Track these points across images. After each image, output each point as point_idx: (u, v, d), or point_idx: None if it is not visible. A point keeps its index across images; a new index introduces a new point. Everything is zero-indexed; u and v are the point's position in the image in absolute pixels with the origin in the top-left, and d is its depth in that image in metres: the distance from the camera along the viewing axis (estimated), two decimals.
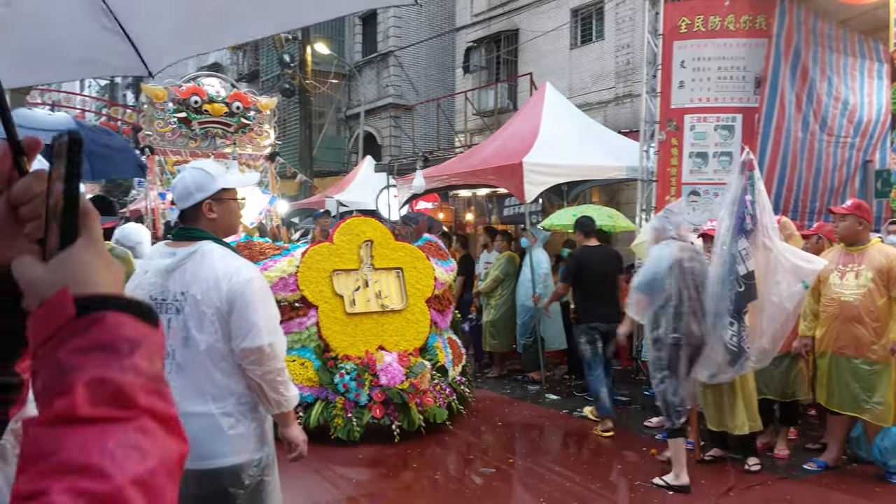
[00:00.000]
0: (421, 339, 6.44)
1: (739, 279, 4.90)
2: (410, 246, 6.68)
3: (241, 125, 9.26)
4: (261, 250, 6.06)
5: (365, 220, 6.64)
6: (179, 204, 2.57)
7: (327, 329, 6.01)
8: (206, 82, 9.27)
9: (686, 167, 8.27)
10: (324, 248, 6.23)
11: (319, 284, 6.04)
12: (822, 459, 5.32)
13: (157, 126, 8.85)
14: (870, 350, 4.99)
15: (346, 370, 5.86)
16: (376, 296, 6.28)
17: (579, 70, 14.05)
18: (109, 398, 0.67)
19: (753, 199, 4.96)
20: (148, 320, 0.74)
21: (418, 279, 6.54)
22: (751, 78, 8.06)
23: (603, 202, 11.68)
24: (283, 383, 2.49)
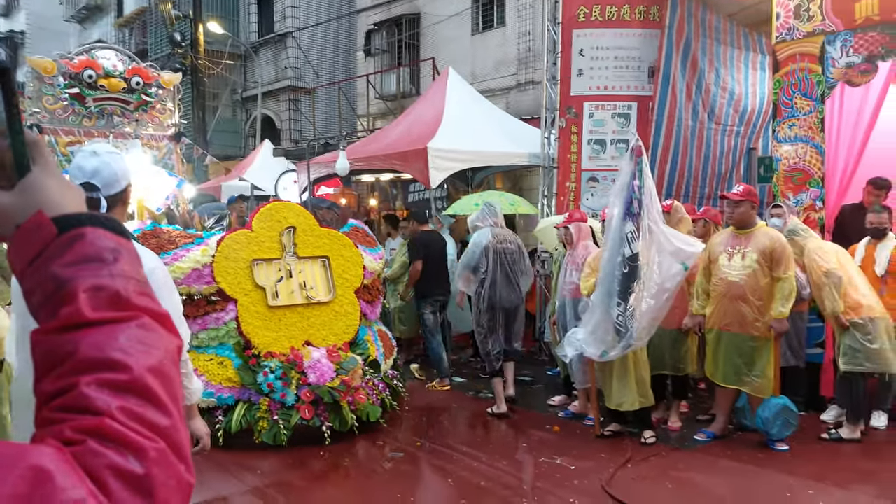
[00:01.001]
0: (351, 332, 6.00)
1: (626, 261, 5.13)
2: (336, 233, 6.21)
3: (141, 102, 8.62)
4: (170, 238, 5.51)
5: (287, 204, 6.11)
6: (104, 190, 2.42)
7: (248, 324, 5.54)
8: (102, 55, 8.54)
9: (585, 153, 8.53)
10: (241, 235, 5.69)
11: (238, 276, 5.54)
12: (710, 430, 5.64)
13: (45, 103, 8.16)
14: (753, 327, 5.32)
15: (271, 368, 5.42)
16: (301, 287, 5.80)
17: (481, 56, 14.18)
18: (108, 302, 0.73)
19: (641, 184, 5.17)
20: (122, 234, 0.80)
21: (346, 268, 6.08)
22: (645, 67, 8.38)
23: (506, 188, 11.88)
24: (186, 375, 2.45)
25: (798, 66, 6.65)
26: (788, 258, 5.31)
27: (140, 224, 5.68)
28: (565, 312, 6.26)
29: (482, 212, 6.55)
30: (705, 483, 4.83)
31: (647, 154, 6.62)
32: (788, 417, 5.24)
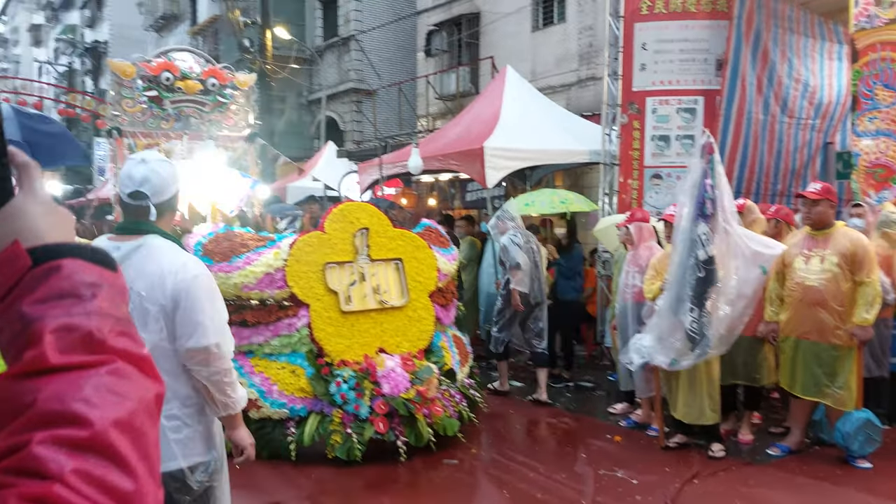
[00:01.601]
0: (425, 338, 5.63)
1: (699, 264, 4.82)
2: (410, 234, 5.84)
3: (217, 104, 8.47)
4: (242, 242, 5.27)
5: (360, 205, 5.80)
6: (155, 198, 2.42)
7: (320, 331, 5.22)
8: (179, 57, 8.45)
9: (648, 150, 8.21)
10: (314, 237, 5.38)
11: (310, 280, 5.24)
12: (785, 444, 5.30)
13: (125, 106, 8.08)
14: (833, 335, 4.96)
15: (344, 378, 5.07)
16: (374, 291, 5.46)
17: (541, 53, 13.91)
18: (79, 344, 0.66)
19: (714, 183, 4.87)
20: (107, 265, 0.74)
21: (420, 271, 5.72)
22: (712, 60, 8.01)
23: (566, 186, 11.60)
24: (230, 385, 2.39)
25: (879, 56, 6.20)
26: (871, 261, 4.93)
27: (213, 227, 5.52)
28: (626, 317, 5.99)
29: (498, 217, 6.91)
30: (778, 501, 4.52)
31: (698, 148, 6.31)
32: (871, 432, 4.87)
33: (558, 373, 7.72)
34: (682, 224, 4.95)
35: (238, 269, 5.05)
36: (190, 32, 26.23)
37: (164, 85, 8.10)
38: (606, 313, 7.73)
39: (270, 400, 5.04)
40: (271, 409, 5.04)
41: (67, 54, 37.45)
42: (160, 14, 28.27)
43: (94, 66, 34.74)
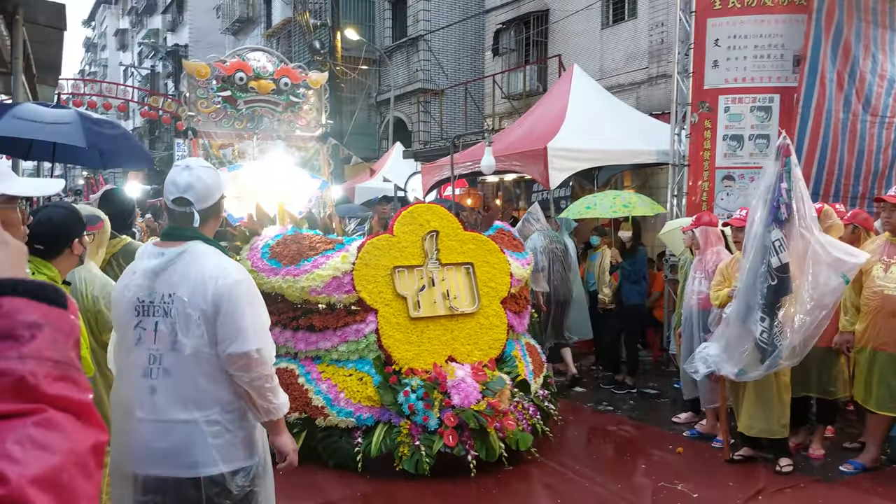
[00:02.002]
0: (497, 347, 5.39)
1: (772, 272, 4.60)
2: (482, 237, 5.61)
3: (290, 103, 8.36)
4: (311, 245, 5.15)
5: (430, 206, 5.58)
6: (199, 204, 2.45)
7: (389, 337, 5.04)
8: (252, 57, 8.39)
9: (720, 150, 7.92)
10: (383, 241, 5.21)
11: (378, 284, 5.08)
12: (859, 461, 5.01)
13: (200, 106, 8.07)
14: None
15: (412, 387, 4.86)
16: (444, 296, 5.25)
17: (611, 50, 13.63)
18: (9, 391, 0.62)
19: (790, 186, 4.63)
20: (53, 302, 0.69)
21: (492, 276, 5.48)
22: (789, 56, 7.67)
23: (635, 187, 11.33)
24: (271, 390, 2.38)
25: None
26: None
27: (281, 229, 5.41)
28: (692, 324, 5.79)
29: (524, 221, 7.50)
30: None
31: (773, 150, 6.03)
32: None
33: (622, 379, 7.54)
34: (755, 229, 4.73)
35: (306, 272, 4.97)
36: (264, 35, 26.87)
37: (238, 85, 8.08)
38: (673, 319, 7.51)
39: (337, 408, 4.92)
40: (338, 417, 4.91)
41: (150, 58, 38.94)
42: (236, 17, 29.04)
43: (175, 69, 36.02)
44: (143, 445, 2.33)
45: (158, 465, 2.32)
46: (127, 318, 2.42)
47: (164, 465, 2.31)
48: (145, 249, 2.51)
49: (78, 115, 5.06)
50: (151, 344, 2.36)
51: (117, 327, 2.52)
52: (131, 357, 2.40)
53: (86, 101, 16.96)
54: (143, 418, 2.34)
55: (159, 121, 18.67)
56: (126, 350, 2.43)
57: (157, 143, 33.45)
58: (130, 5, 44.10)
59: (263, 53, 8.55)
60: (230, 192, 6.73)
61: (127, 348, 2.43)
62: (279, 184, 7.09)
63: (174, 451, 2.31)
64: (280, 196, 6.68)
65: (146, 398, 2.34)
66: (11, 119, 4.75)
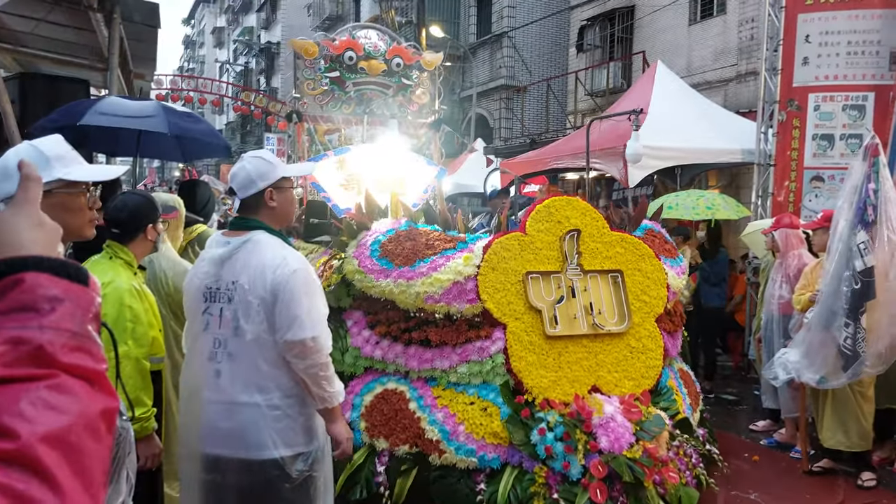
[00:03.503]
0: (652, 376, 4.32)
1: (856, 275, 4.45)
2: (633, 238, 4.57)
3: (401, 86, 7.56)
4: (428, 242, 4.28)
5: (570, 200, 4.53)
6: (240, 193, 2.56)
7: (519, 359, 4.03)
8: (363, 35, 7.59)
9: (808, 150, 7.66)
10: (513, 240, 4.23)
11: (508, 293, 4.11)
12: None
13: (306, 88, 7.37)
14: None
15: (549, 424, 3.84)
16: (586, 311, 4.24)
17: (699, 46, 13.29)
18: (27, 358, 0.67)
19: (877, 187, 4.48)
20: (74, 279, 0.74)
21: (645, 287, 4.44)
22: (886, 52, 7.33)
23: (721, 186, 11.05)
24: (326, 378, 2.45)
25: None
26: None
27: (393, 223, 4.55)
28: (772, 329, 5.65)
29: None
30: None
31: (886, 152, 5.80)
32: None
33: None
34: (840, 231, 4.59)
35: (422, 275, 4.09)
36: None
37: (347, 65, 7.39)
38: (753, 323, 7.32)
39: (456, 444, 3.93)
40: (456, 455, 3.90)
41: (244, 55, 40.39)
42: (326, 15, 29.76)
43: (268, 65, 37.25)
44: (208, 425, 2.44)
45: (222, 445, 2.42)
46: (196, 304, 2.54)
47: (228, 445, 2.41)
48: (214, 238, 2.62)
49: (161, 107, 5.22)
50: (217, 329, 2.47)
51: (187, 313, 2.65)
52: (199, 342, 2.52)
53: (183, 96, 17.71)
54: (209, 399, 2.45)
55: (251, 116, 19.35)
56: (194, 335, 2.56)
57: (247, 137, 34.67)
58: (227, 4, 45.83)
59: (375, 31, 7.76)
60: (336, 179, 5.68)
61: (195, 333, 2.55)
62: (392, 170, 6.17)
63: (238, 432, 2.40)
64: (393, 184, 5.88)
65: (212, 380, 2.45)
66: (95, 114, 4.90)
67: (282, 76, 34.73)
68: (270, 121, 11.22)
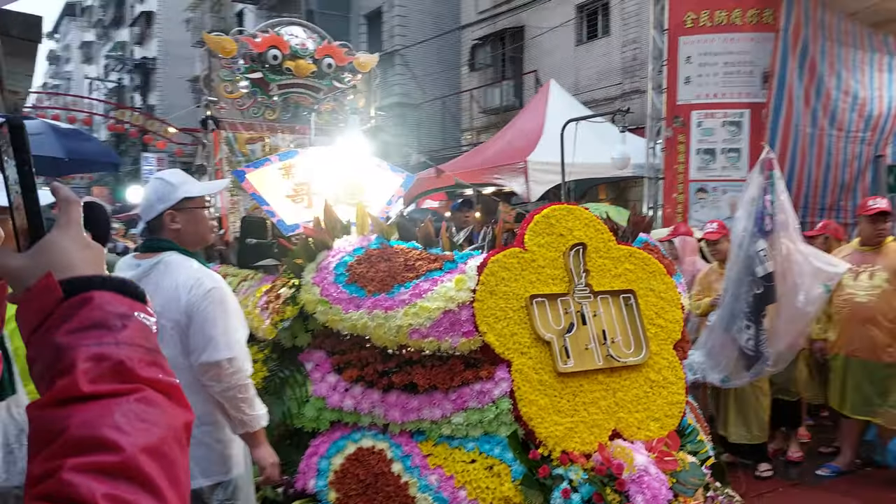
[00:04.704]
0: (676, 414, 3.57)
1: (758, 281, 4.78)
2: (641, 252, 3.84)
3: (333, 89, 6.84)
4: (408, 263, 3.46)
5: (571, 209, 3.72)
6: (143, 216, 2.51)
7: (529, 403, 3.22)
8: (288, 32, 6.80)
9: (693, 164, 8.16)
10: (512, 257, 3.42)
11: (510, 322, 3.29)
12: (835, 464, 5.20)
13: (223, 90, 6.58)
14: (885, 352, 4.87)
15: (573, 484, 3.07)
16: (599, 340, 3.48)
17: (585, 66, 13.92)
18: (110, 373, 0.69)
19: (773, 199, 4.84)
20: (135, 297, 0.77)
21: (660, 309, 3.70)
22: (758, 73, 7.94)
23: (610, 199, 11.57)
24: (245, 401, 2.37)
25: None
26: None
27: (361, 241, 3.70)
28: None
29: None
30: None
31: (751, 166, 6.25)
32: None
33: None
34: (740, 240, 4.93)
35: (404, 303, 3.26)
36: None
37: (271, 65, 6.60)
38: None
39: None
40: None
41: (117, 71, 38.63)
42: (208, 30, 29.01)
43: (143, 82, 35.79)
44: None
45: None
46: None
47: None
48: (124, 261, 2.55)
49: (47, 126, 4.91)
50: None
51: None
52: None
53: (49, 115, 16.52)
54: None
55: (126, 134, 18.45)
56: None
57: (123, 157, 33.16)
58: (97, 17, 43.77)
59: (302, 28, 6.99)
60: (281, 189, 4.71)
61: None
62: (350, 178, 5.13)
63: None
64: (352, 194, 5.00)
65: None
66: None
67: (159, 93, 33.44)
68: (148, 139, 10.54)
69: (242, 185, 4.70)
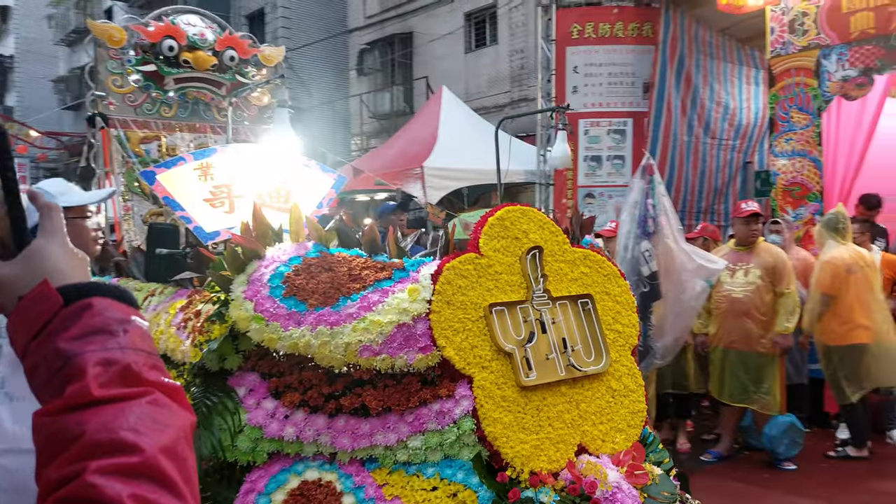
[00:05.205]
0: (638, 424, 3.31)
1: (644, 280, 5.05)
2: (595, 254, 3.55)
3: (236, 84, 6.24)
4: (352, 273, 3.10)
5: (524, 210, 3.31)
6: None
7: (494, 422, 2.94)
8: (184, 21, 6.24)
9: (581, 170, 8.50)
10: (468, 263, 3.05)
11: (470, 334, 3.02)
12: (716, 450, 5.56)
13: (112, 84, 6.00)
14: (758, 343, 5.26)
15: None
16: (560, 349, 3.26)
17: (475, 74, 14.20)
18: (118, 377, 0.70)
19: (655, 202, 5.13)
20: (130, 302, 0.78)
21: (616, 314, 3.51)
22: (640, 83, 8.38)
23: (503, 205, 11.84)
24: None
25: (794, 81, 6.64)
26: (789, 273, 5.28)
27: (297, 249, 3.28)
28: None
29: None
30: None
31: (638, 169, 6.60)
32: (795, 436, 5.18)
33: None
34: (625, 241, 5.19)
35: (351, 317, 2.92)
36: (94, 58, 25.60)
37: (166, 57, 6.03)
38: None
39: None
40: None
41: None
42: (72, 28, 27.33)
43: None
44: None
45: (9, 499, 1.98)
46: None
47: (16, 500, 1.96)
48: None
49: None
50: None
51: None
52: None
53: None
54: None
55: None
56: None
57: None
58: None
59: (200, 17, 6.46)
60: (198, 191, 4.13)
61: None
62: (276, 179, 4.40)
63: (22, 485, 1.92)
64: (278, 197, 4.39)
65: None
66: None
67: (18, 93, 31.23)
68: None
69: (153, 188, 4.21)
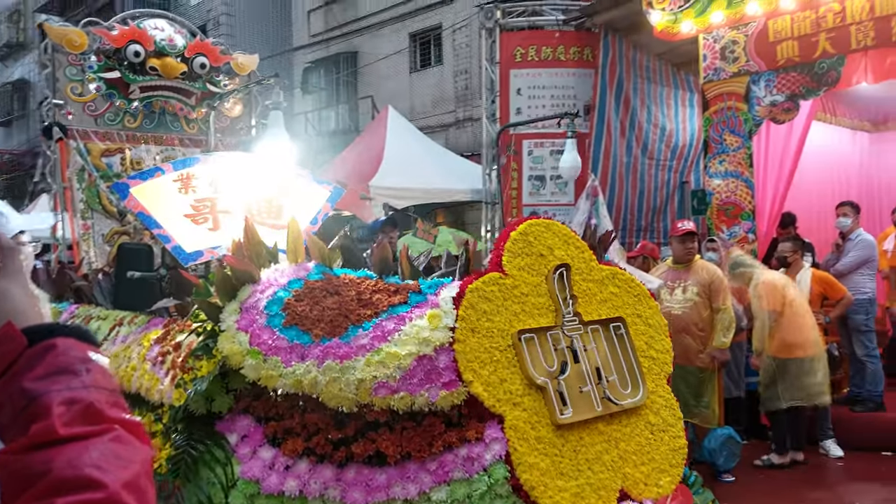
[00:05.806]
0: (679, 462, 3.00)
1: None
2: (624, 273, 3.30)
3: (207, 94, 5.85)
4: (361, 297, 2.67)
5: (549, 225, 3.00)
6: None
7: (529, 468, 2.48)
8: (152, 25, 5.79)
9: (526, 189, 8.67)
10: (492, 284, 2.66)
11: (499, 366, 2.58)
12: None
13: (71, 92, 5.60)
14: (697, 358, 5.45)
15: None
16: (595, 380, 2.83)
17: (420, 94, 14.33)
18: (81, 416, 0.72)
19: (598, 222, 5.30)
20: (91, 342, 0.80)
21: (649, 338, 3.16)
22: (581, 105, 8.61)
23: (448, 223, 11.95)
24: None
25: (726, 105, 6.93)
26: (725, 290, 5.49)
27: (297, 270, 2.79)
28: None
29: None
30: None
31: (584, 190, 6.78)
32: (733, 448, 5.36)
33: None
34: None
35: (364, 349, 2.50)
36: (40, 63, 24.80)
37: (131, 63, 5.59)
38: None
39: None
40: None
41: None
42: (4, 42, 26.47)
43: None
44: None
45: None
46: None
47: None
48: None
49: None
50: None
51: None
52: None
53: None
54: None
55: None
56: None
57: None
58: None
59: (167, 21, 6.01)
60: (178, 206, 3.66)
61: None
62: (266, 192, 3.93)
63: None
64: (271, 211, 3.88)
65: None
66: None
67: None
68: None
69: (125, 202, 3.71)
